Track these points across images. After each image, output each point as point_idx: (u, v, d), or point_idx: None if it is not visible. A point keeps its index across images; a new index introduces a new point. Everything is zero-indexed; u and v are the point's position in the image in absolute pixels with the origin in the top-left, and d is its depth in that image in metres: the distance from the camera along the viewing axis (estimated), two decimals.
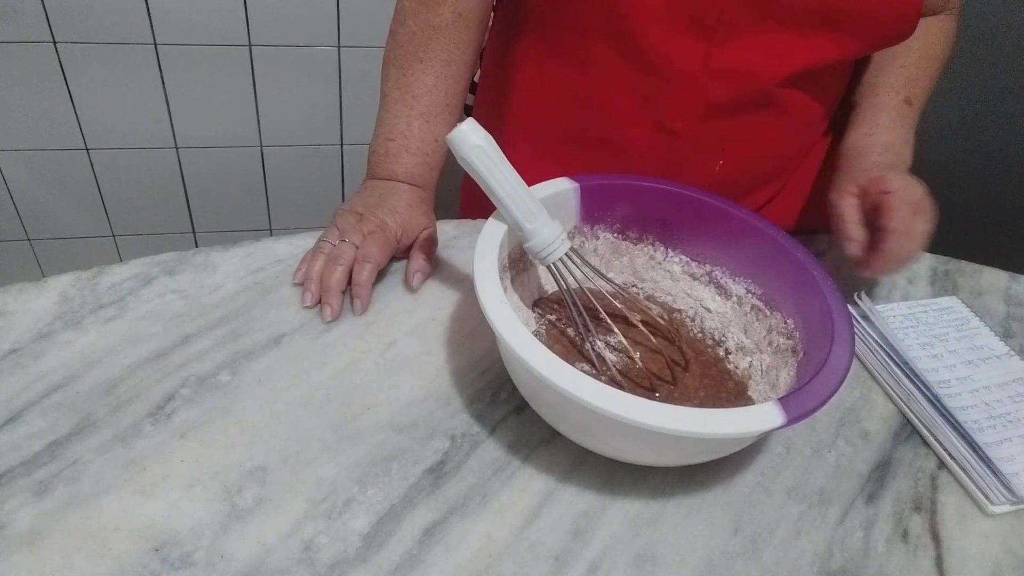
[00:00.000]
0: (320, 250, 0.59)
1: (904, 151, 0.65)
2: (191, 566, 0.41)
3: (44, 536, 0.41)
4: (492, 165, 0.49)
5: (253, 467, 0.46)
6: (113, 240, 1.50)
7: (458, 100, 0.66)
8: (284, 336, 0.55)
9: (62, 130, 1.31)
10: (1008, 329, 0.67)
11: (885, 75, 0.69)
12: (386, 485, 0.46)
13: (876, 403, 0.58)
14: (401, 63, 0.64)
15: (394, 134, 0.64)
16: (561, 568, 0.43)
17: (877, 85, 0.69)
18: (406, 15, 0.64)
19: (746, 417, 0.41)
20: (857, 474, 0.52)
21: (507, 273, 0.54)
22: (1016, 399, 0.58)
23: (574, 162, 0.71)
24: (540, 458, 0.49)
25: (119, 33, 1.22)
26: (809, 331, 0.51)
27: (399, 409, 0.51)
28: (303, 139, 1.43)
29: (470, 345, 0.56)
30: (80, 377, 0.50)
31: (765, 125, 0.67)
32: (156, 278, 0.58)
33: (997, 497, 0.50)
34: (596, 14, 0.62)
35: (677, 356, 0.55)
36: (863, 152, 0.65)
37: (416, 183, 0.64)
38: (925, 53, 0.69)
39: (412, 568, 0.42)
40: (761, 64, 0.62)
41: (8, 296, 0.54)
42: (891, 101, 0.67)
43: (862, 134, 0.66)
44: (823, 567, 0.45)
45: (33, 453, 0.45)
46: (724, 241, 0.58)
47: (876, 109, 0.67)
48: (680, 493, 0.48)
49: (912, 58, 0.69)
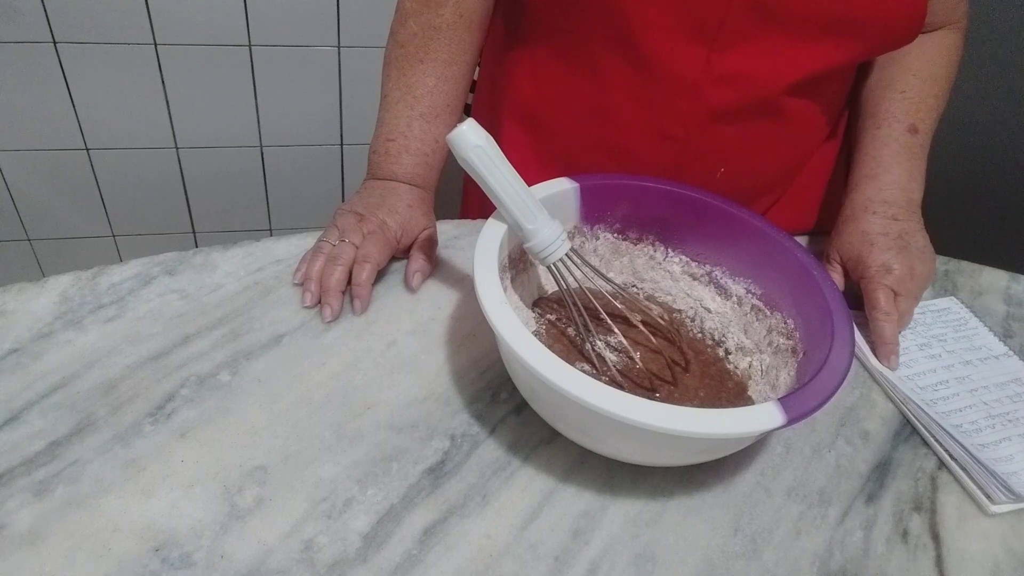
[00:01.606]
0: (320, 250, 0.59)
1: (910, 188, 0.65)
2: (191, 566, 0.41)
3: (44, 536, 0.41)
4: (492, 165, 0.49)
5: (253, 467, 0.46)
6: (113, 240, 1.50)
7: (459, 101, 0.66)
8: (284, 336, 0.55)
9: (62, 130, 1.31)
10: (1008, 329, 0.67)
11: (887, 104, 0.67)
12: (386, 485, 0.46)
13: (876, 403, 0.58)
14: (402, 64, 0.64)
15: (394, 134, 0.64)
16: (561, 568, 0.43)
17: (878, 115, 0.67)
18: (407, 16, 0.64)
19: (746, 417, 0.41)
20: (857, 474, 0.52)
21: (507, 273, 0.54)
22: (1015, 399, 0.58)
23: (578, 165, 0.71)
24: (540, 458, 0.49)
25: (119, 33, 1.22)
26: (809, 331, 0.51)
27: (399, 409, 0.51)
28: (303, 139, 1.43)
29: (470, 345, 0.56)
30: (80, 377, 0.50)
31: (767, 133, 0.67)
32: (156, 278, 0.58)
33: (997, 497, 0.50)
34: (598, 20, 0.62)
35: (677, 356, 0.55)
36: (860, 212, 0.64)
37: (416, 183, 0.64)
38: (927, 74, 0.67)
39: (412, 568, 0.42)
40: (763, 71, 0.61)
41: (8, 296, 0.54)
42: (894, 132, 0.66)
43: (865, 176, 0.66)
44: (823, 567, 0.46)
45: (33, 453, 0.45)
46: (724, 241, 0.58)
47: (878, 143, 0.66)
48: (680, 493, 0.49)
49: (912, 82, 0.67)
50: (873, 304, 0.60)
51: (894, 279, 0.60)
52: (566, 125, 0.71)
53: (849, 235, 0.64)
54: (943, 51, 0.68)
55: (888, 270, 0.60)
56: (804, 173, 0.76)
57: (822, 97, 0.66)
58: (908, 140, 0.65)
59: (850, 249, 0.63)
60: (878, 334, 0.59)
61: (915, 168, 0.65)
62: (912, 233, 0.63)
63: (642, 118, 0.66)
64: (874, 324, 0.60)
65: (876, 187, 0.65)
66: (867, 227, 0.63)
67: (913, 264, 0.61)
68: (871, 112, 0.68)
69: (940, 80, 0.68)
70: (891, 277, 0.60)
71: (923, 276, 0.61)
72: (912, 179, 0.65)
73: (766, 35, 0.60)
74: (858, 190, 0.66)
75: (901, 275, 0.60)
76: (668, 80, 0.63)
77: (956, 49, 0.69)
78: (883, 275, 0.60)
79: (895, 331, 0.59)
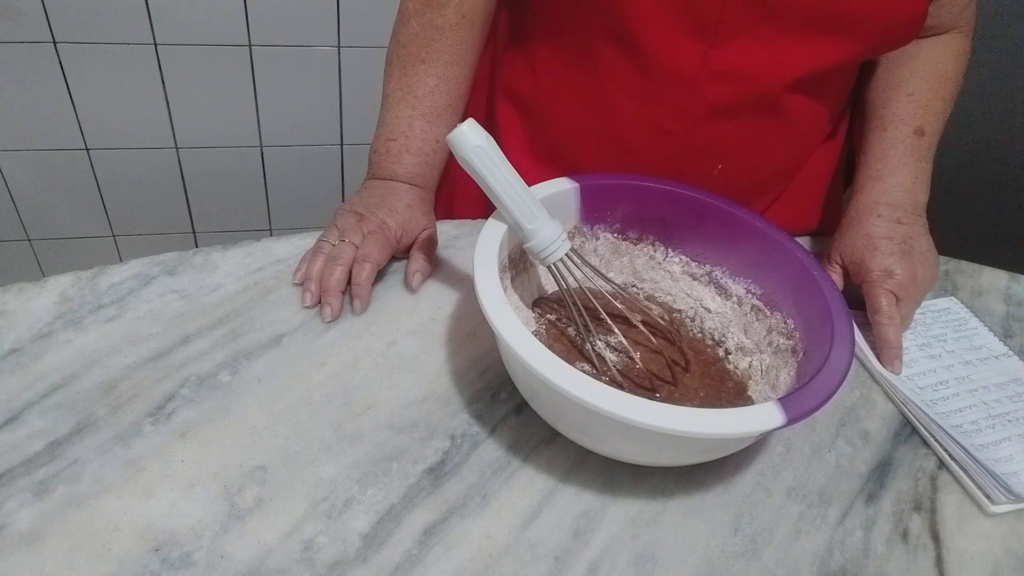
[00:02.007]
0: (320, 250, 0.59)
1: (915, 190, 0.64)
2: (191, 566, 0.41)
3: (44, 536, 0.41)
4: (492, 165, 0.49)
5: (253, 467, 0.46)
6: (113, 240, 1.50)
7: (460, 101, 0.66)
8: (284, 336, 0.55)
9: (62, 130, 1.31)
10: (1008, 329, 0.67)
11: (894, 106, 0.67)
12: (386, 485, 0.46)
13: (876, 403, 0.58)
14: (403, 64, 0.64)
15: (395, 134, 0.64)
16: (561, 568, 0.43)
17: (885, 118, 0.67)
18: (409, 16, 0.64)
19: (746, 417, 0.41)
20: (857, 474, 0.52)
21: (507, 273, 0.54)
22: (1015, 399, 0.58)
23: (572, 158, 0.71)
24: (540, 458, 0.49)
25: (119, 33, 1.22)
26: (809, 331, 0.51)
27: (399, 409, 0.51)
28: (303, 139, 1.43)
29: (470, 345, 0.56)
30: (80, 377, 0.50)
31: (766, 131, 0.67)
32: (156, 278, 0.58)
33: (997, 497, 0.50)
34: (596, 14, 0.62)
35: (677, 356, 0.55)
36: (864, 214, 0.64)
37: (416, 183, 0.64)
38: (934, 77, 0.67)
39: (412, 568, 0.42)
40: (761, 67, 0.61)
41: (8, 296, 0.54)
42: (900, 135, 0.65)
43: (870, 178, 0.65)
44: (823, 567, 0.46)
45: (33, 453, 0.45)
46: (724, 241, 0.58)
47: (884, 145, 0.66)
48: (680, 493, 0.49)
49: (920, 85, 0.67)
50: (876, 309, 0.60)
51: (896, 284, 0.60)
52: (563, 117, 0.71)
53: (852, 238, 0.64)
54: (950, 54, 0.68)
55: (890, 275, 0.60)
56: (804, 174, 0.75)
57: (822, 96, 0.66)
58: (915, 142, 0.65)
59: (852, 252, 0.63)
60: (882, 339, 0.59)
61: (921, 171, 0.65)
62: (916, 237, 0.63)
63: (639, 113, 0.66)
64: (878, 329, 0.60)
65: (881, 189, 0.65)
66: (871, 230, 0.63)
67: (916, 269, 0.60)
68: (877, 114, 0.68)
69: (947, 83, 0.67)
70: (893, 282, 0.60)
71: (925, 281, 0.61)
72: (918, 182, 0.65)
73: (764, 31, 0.60)
74: (863, 192, 0.65)
75: (903, 280, 0.60)
76: (665, 75, 0.63)
77: (964, 53, 0.69)
78: (885, 279, 0.60)
79: (899, 335, 0.59)
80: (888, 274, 0.60)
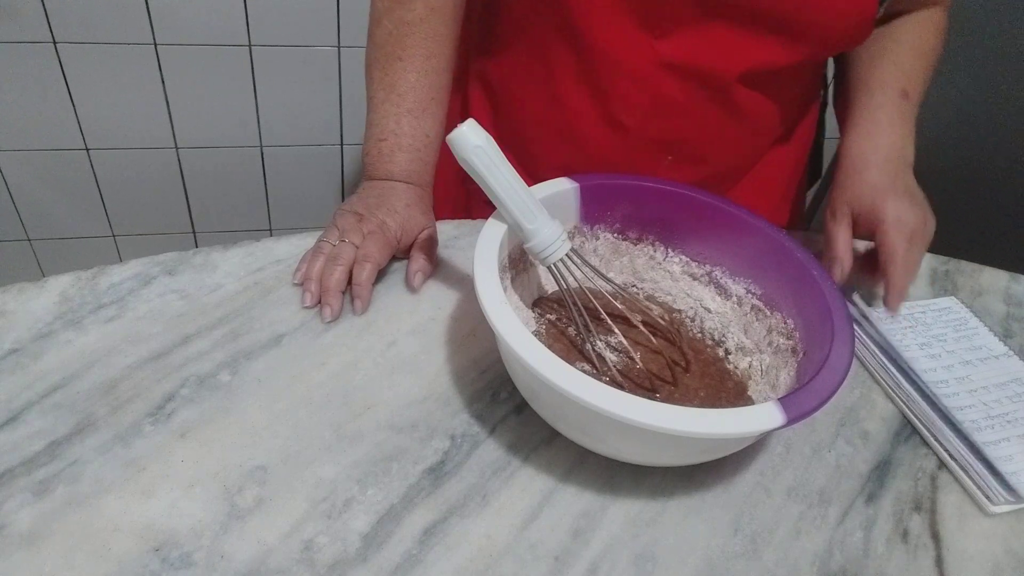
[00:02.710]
0: (320, 250, 0.59)
1: (906, 150, 0.65)
2: (191, 566, 0.41)
3: (44, 536, 0.41)
4: (492, 165, 0.49)
5: (253, 467, 0.46)
6: (113, 240, 1.50)
7: (443, 93, 0.67)
8: (284, 336, 0.55)
9: (62, 130, 1.31)
10: (1008, 329, 0.67)
11: (879, 71, 0.68)
12: (386, 485, 0.46)
13: (876, 403, 0.58)
14: (382, 63, 0.65)
15: (385, 134, 0.64)
16: (561, 568, 0.43)
17: (871, 82, 0.68)
18: (380, 15, 0.65)
19: (746, 417, 0.41)
20: (857, 474, 0.52)
21: (507, 273, 0.54)
22: (1014, 399, 0.58)
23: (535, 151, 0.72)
24: (540, 458, 0.49)
25: (119, 33, 1.22)
26: (809, 331, 0.51)
27: (399, 409, 0.51)
28: (303, 139, 1.43)
29: (470, 345, 0.56)
30: (80, 377, 0.50)
31: (716, 124, 0.67)
32: (156, 278, 0.58)
33: (997, 497, 0.50)
34: (544, 7, 0.63)
35: (677, 356, 0.55)
36: (862, 167, 0.64)
37: (413, 181, 0.64)
38: (918, 47, 0.69)
39: (412, 568, 0.42)
40: (709, 60, 0.62)
41: (8, 296, 0.54)
42: (887, 98, 0.67)
43: (860, 136, 0.66)
44: (823, 567, 0.46)
45: (33, 453, 0.45)
46: (724, 241, 0.58)
47: (873, 108, 0.67)
48: (680, 493, 0.49)
49: (905, 52, 0.68)
50: (892, 252, 0.59)
51: (910, 230, 0.60)
52: (521, 106, 0.72)
53: (858, 188, 0.64)
54: (932, 27, 0.70)
55: (903, 221, 0.60)
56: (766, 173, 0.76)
57: (774, 93, 0.67)
58: (901, 104, 0.66)
59: (861, 201, 0.63)
60: (893, 283, 0.59)
61: (907, 131, 0.66)
62: (914, 189, 0.63)
63: (592, 105, 0.67)
64: (891, 274, 0.59)
65: (873, 146, 0.65)
66: (875, 180, 0.63)
67: (925, 216, 0.61)
68: (863, 80, 0.69)
69: (929, 54, 0.69)
70: (907, 228, 0.60)
71: (931, 229, 0.62)
72: (907, 142, 0.66)
73: (709, 25, 0.60)
74: (856, 147, 0.66)
75: (916, 226, 0.60)
76: (614, 66, 0.64)
77: (942, 29, 0.71)
78: (899, 225, 0.60)
79: (909, 281, 0.60)
80: (901, 220, 0.60)
